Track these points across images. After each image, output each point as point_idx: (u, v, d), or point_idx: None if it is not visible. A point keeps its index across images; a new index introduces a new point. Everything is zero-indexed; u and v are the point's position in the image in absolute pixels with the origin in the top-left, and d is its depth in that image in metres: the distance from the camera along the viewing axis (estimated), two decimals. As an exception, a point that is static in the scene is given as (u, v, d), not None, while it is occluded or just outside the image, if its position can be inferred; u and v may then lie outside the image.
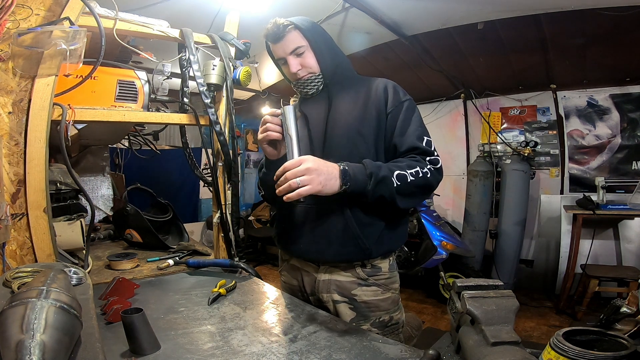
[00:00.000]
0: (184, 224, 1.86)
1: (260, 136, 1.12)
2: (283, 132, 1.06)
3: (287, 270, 1.30)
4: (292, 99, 1.41)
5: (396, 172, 1.02)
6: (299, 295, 1.26)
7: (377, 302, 1.17)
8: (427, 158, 1.10)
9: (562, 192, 3.98)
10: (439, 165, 1.11)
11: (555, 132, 4.04)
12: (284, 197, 0.95)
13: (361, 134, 1.13)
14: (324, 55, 1.18)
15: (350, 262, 1.17)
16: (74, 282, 0.86)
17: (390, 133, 1.13)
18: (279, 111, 1.08)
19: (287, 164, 0.96)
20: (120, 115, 1.29)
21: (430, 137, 1.13)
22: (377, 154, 1.14)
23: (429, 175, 1.06)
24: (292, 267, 1.27)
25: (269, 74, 4.41)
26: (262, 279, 1.29)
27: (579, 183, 3.91)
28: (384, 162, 1.10)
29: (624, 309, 0.73)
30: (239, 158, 1.51)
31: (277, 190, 0.97)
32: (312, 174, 0.94)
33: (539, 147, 3.94)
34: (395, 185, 1.01)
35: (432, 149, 1.12)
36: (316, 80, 1.19)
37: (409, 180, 1.03)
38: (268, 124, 1.09)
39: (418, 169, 1.05)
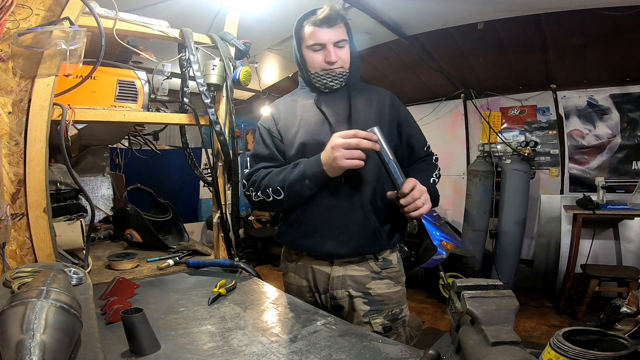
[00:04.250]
0: (184, 224, 1.86)
1: (348, 162, 1.04)
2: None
3: (294, 271, 1.29)
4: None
5: (431, 179, 1.21)
6: (308, 295, 1.25)
7: (390, 295, 1.22)
8: (433, 158, 1.31)
9: (562, 192, 3.98)
10: (438, 162, 1.33)
11: (555, 132, 4.03)
12: (413, 214, 1.07)
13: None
14: (354, 55, 1.23)
15: (364, 256, 1.21)
16: (74, 282, 0.86)
17: (406, 137, 1.27)
18: (374, 136, 1.04)
19: (408, 187, 1.05)
20: (120, 115, 1.29)
21: None
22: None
23: (439, 173, 1.28)
24: (301, 267, 1.27)
25: (269, 74, 4.41)
26: (262, 279, 1.29)
27: (579, 183, 3.90)
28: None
29: (624, 309, 0.72)
30: (239, 158, 1.51)
31: (406, 209, 1.06)
32: (426, 193, 1.09)
33: (539, 147, 3.94)
34: (435, 188, 1.22)
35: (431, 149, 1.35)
36: (344, 76, 1.21)
37: (436, 182, 1.24)
38: (359, 152, 1.03)
39: (435, 171, 1.26)
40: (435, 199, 1.17)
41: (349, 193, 1.17)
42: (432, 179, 1.21)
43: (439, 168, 1.29)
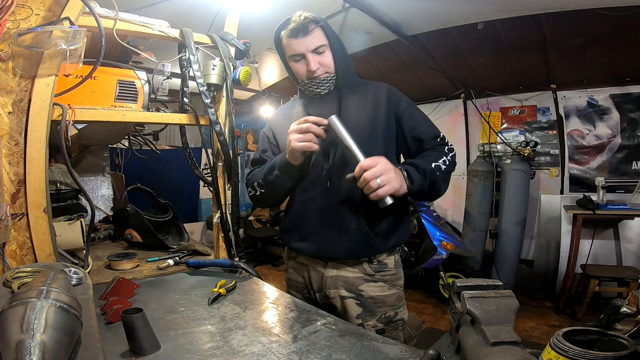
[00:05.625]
0: (184, 224, 1.86)
1: (299, 144, 1.07)
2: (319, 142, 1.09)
3: (293, 268, 1.33)
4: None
5: (433, 164, 1.11)
6: (305, 292, 1.28)
7: (383, 298, 1.21)
8: (446, 148, 1.21)
9: (562, 192, 3.98)
10: (454, 152, 1.22)
11: (555, 132, 4.03)
12: (371, 196, 0.98)
13: (372, 135, 1.18)
14: (339, 56, 1.20)
15: (358, 259, 1.21)
16: (74, 282, 0.86)
17: (410, 130, 1.21)
18: (325, 121, 1.06)
19: (363, 165, 0.98)
20: (120, 115, 1.29)
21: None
22: (387, 154, 1.17)
23: (453, 160, 1.19)
24: (299, 265, 1.30)
25: (269, 74, 4.41)
26: (262, 279, 1.29)
27: (579, 183, 3.90)
28: (394, 160, 1.22)
29: (624, 309, 0.72)
30: (239, 158, 1.51)
31: (364, 190, 0.99)
32: (389, 173, 0.98)
33: (539, 147, 3.94)
34: (438, 174, 1.11)
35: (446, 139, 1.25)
36: (330, 81, 1.21)
37: (443, 168, 1.13)
38: (311, 134, 1.07)
39: (444, 157, 1.16)
40: (433, 183, 1.10)
41: (340, 197, 1.17)
42: (434, 164, 1.11)
43: (452, 156, 1.20)
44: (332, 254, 1.20)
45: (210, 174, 1.51)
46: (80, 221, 1.37)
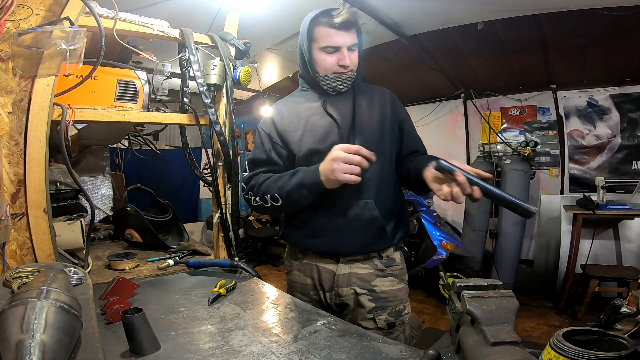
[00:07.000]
0: (184, 224, 1.86)
1: (345, 177, 1.01)
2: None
3: (298, 269, 1.29)
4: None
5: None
6: (312, 293, 1.26)
7: (395, 292, 1.24)
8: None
9: (562, 192, 3.98)
10: None
11: (555, 132, 4.03)
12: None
13: (382, 135, 1.22)
14: (361, 57, 1.23)
15: (369, 254, 1.22)
16: (74, 282, 0.86)
17: (408, 139, 1.29)
18: (374, 157, 1.01)
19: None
20: (120, 115, 1.29)
21: None
22: (391, 153, 1.26)
23: None
24: (306, 265, 1.27)
25: (269, 74, 4.41)
26: (262, 279, 1.29)
27: (579, 183, 3.90)
28: (393, 159, 1.26)
29: (624, 309, 0.73)
30: (239, 158, 1.51)
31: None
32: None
33: (539, 147, 3.94)
34: None
35: None
36: (352, 79, 1.22)
37: None
38: (357, 167, 1.00)
39: None
40: None
41: (354, 192, 1.17)
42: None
43: None
44: (346, 249, 1.20)
45: (210, 174, 1.51)
46: (80, 221, 1.37)
